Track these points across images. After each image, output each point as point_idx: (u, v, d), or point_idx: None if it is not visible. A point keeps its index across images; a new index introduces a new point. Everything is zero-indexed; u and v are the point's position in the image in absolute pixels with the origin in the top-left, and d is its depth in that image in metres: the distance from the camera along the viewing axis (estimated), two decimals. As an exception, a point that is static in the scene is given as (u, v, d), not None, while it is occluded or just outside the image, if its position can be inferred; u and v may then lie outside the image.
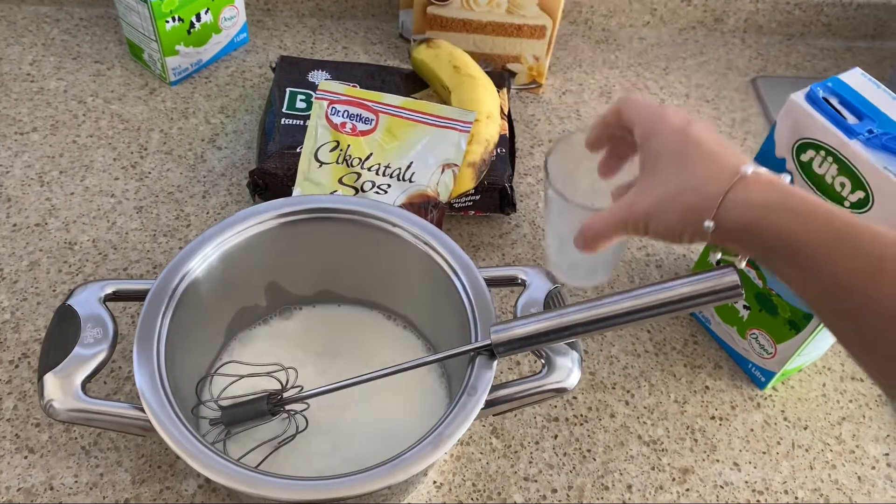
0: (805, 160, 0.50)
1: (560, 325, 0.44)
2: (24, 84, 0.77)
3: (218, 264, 0.51)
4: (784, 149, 0.51)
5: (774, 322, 0.57)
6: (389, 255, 0.54)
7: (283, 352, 0.57)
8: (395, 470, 0.42)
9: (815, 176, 0.49)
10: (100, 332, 0.46)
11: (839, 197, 0.48)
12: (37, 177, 0.69)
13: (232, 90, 0.79)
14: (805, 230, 0.37)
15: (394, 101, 0.65)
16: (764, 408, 0.60)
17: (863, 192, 0.47)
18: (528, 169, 0.75)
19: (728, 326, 0.61)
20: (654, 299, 0.43)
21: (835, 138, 0.48)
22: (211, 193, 0.70)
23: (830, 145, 0.48)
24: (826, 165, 0.49)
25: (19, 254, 0.64)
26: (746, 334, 0.60)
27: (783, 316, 0.56)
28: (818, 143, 0.49)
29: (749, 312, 0.59)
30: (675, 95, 0.85)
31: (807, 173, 0.50)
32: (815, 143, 0.49)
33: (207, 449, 0.42)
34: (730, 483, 0.56)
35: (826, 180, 0.49)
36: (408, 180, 0.63)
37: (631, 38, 0.91)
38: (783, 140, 0.51)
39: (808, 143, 0.49)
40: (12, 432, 0.54)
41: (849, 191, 0.48)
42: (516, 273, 0.52)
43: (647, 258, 0.69)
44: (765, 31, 0.94)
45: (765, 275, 0.56)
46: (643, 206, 0.42)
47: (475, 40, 0.79)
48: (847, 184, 0.48)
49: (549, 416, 0.58)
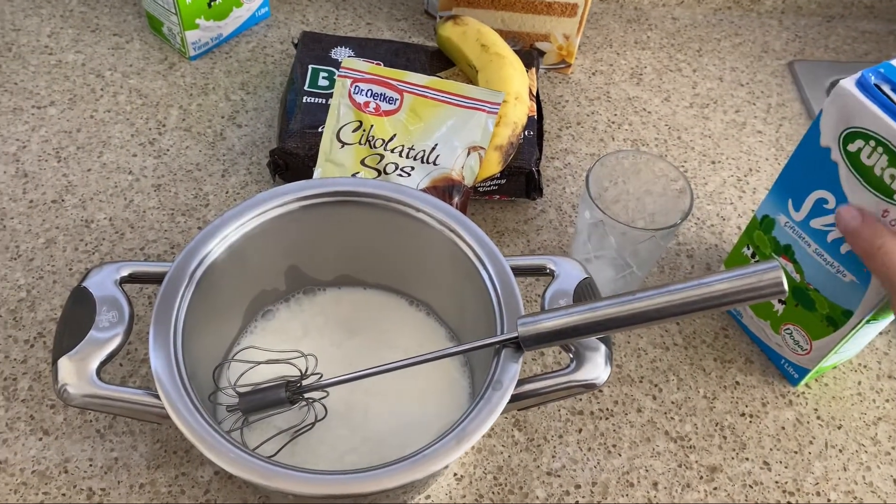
0: (853, 150, 0.47)
1: (591, 321, 0.42)
2: (41, 56, 0.75)
3: (237, 247, 0.49)
4: (830, 138, 0.48)
5: (811, 318, 0.55)
6: (412, 240, 0.53)
7: (304, 331, 0.55)
8: (416, 466, 0.41)
9: (862, 167, 0.47)
10: (115, 315, 0.45)
11: (889, 190, 0.46)
12: (54, 152, 0.68)
13: (253, 66, 0.77)
14: None
15: (419, 80, 0.63)
16: (796, 405, 0.58)
17: None
18: (556, 152, 0.73)
19: (761, 321, 0.59)
20: (692, 295, 0.41)
21: (887, 128, 0.45)
22: (230, 172, 0.68)
23: (882, 135, 0.45)
24: (875, 156, 0.46)
25: (35, 231, 0.63)
26: (780, 329, 0.58)
27: (821, 312, 0.54)
28: (868, 132, 0.46)
29: (784, 307, 0.56)
30: (708, 78, 0.82)
31: (854, 164, 0.47)
32: (864, 132, 0.46)
33: (223, 438, 0.41)
34: (759, 483, 0.54)
35: (875, 172, 0.46)
36: (432, 163, 0.61)
37: (664, 17, 0.88)
38: (829, 128, 0.48)
39: (856, 132, 0.47)
40: (27, 413, 0.53)
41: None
42: (545, 262, 0.50)
43: (678, 247, 0.67)
44: (803, 13, 0.90)
45: (803, 268, 0.53)
46: None
47: (503, 18, 0.76)
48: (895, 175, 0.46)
49: (574, 410, 0.57)
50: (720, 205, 0.70)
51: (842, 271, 0.51)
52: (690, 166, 0.73)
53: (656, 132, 0.76)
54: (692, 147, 0.75)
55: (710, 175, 0.73)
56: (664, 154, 0.74)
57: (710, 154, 0.75)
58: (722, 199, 0.71)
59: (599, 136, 0.75)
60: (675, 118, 0.77)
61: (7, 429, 0.53)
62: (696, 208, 0.70)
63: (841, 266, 0.51)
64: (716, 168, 0.73)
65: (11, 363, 0.55)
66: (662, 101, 0.79)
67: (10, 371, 0.55)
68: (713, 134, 0.76)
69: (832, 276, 0.51)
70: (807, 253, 0.52)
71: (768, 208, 0.54)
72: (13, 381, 0.55)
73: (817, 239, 0.51)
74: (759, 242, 0.57)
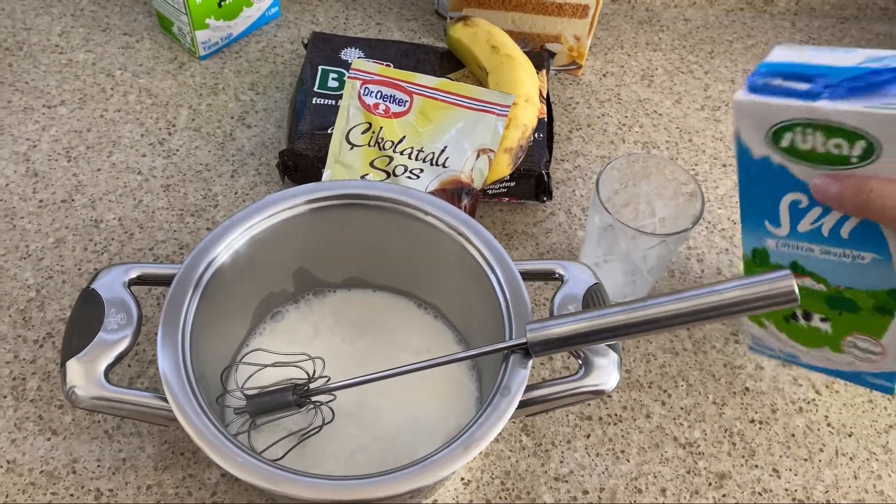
0: (786, 145, 0.46)
1: (601, 327, 0.42)
2: (52, 56, 0.75)
3: (245, 250, 0.49)
4: (759, 146, 0.47)
5: (862, 318, 0.51)
6: (421, 243, 0.52)
7: (314, 332, 0.56)
8: (424, 472, 0.41)
9: (805, 153, 0.45)
10: (123, 317, 0.45)
11: (842, 158, 0.44)
12: (64, 152, 0.68)
13: (262, 66, 0.77)
14: None
15: (429, 82, 0.63)
16: (806, 412, 0.58)
17: (863, 141, 0.43)
18: (566, 154, 0.72)
19: (818, 350, 0.55)
20: (703, 303, 0.40)
21: (803, 108, 0.43)
22: (239, 173, 0.68)
23: (802, 118, 0.44)
24: (810, 138, 0.44)
25: (45, 231, 0.63)
26: (842, 346, 0.54)
27: (866, 306, 0.50)
28: (789, 122, 0.44)
29: (831, 323, 0.53)
30: (720, 80, 0.81)
31: (798, 154, 0.46)
32: (786, 124, 0.45)
33: (230, 442, 0.41)
34: (769, 490, 0.54)
35: (819, 151, 0.45)
36: (441, 165, 0.61)
37: (675, 18, 0.88)
38: (753, 140, 0.47)
39: (778, 128, 0.45)
40: (35, 413, 0.53)
41: (848, 148, 0.43)
42: (554, 267, 0.50)
43: (689, 251, 0.66)
44: (817, 14, 0.89)
45: (822, 275, 0.51)
46: None
47: (514, 19, 0.76)
48: (842, 143, 0.44)
49: (582, 415, 0.56)
50: (731, 209, 0.70)
51: (858, 255, 0.48)
52: (702, 169, 0.73)
53: (667, 135, 0.75)
54: (703, 150, 0.74)
55: (722, 178, 0.72)
56: (675, 157, 0.73)
57: (721, 157, 0.74)
58: (733, 203, 0.70)
59: (610, 138, 0.74)
60: (687, 120, 0.77)
61: (16, 429, 0.53)
62: (707, 212, 0.69)
63: (853, 250, 0.48)
64: (727, 171, 0.73)
65: (20, 363, 0.56)
66: (674, 103, 0.78)
67: (19, 371, 0.55)
68: (725, 137, 0.76)
69: (852, 265, 0.49)
70: (815, 259, 0.50)
71: (752, 241, 0.52)
72: (22, 380, 0.55)
73: (815, 239, 0.49)
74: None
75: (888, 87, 0.42)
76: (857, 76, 0.42)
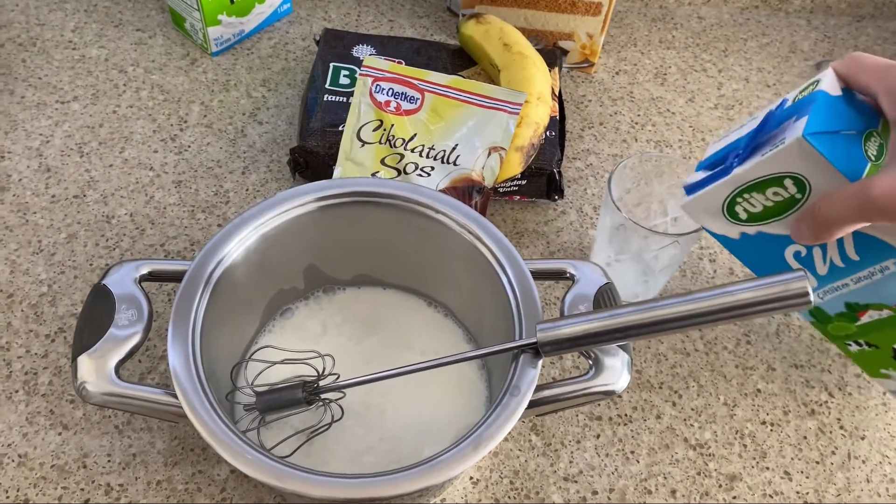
0: (745, 216, 0.49)
1: (612, 327, 0.42)
2: (65, 51, 0.76)
3: (255, 247, 0.49)
4: (727, 229, 0.50)
5: None
6: (431, 242, 0.52)
7: (322, 329, 0.56)
8: (433, 471, 0.40)
9: (762, 213, 0.48)
10: (134, 313, 0.45)
11: (790, 199, 0.46)
12: (76, 147, 0.68)
13: (274, 63, 0.77)
14: None
15: (440, 79, 0.63)
16: (819, 415, 0.57)
17: (787, 179, 0.45)
18: (578, 153, 0.72)
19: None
20: (715, 304, 0.40)
21: (726, 183, 0.47)
22: (251, 170, 0.68)
23: (731, 189, 0.47)
24: (754, 200, 0.47)
25: (57, 226, 0.63)
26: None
27: None
28: (728, 198, 0.48)
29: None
30: (733, 79, 0.81)
31: (758, 218, 0.48)
32: (727, 200, 0.48)
33: (239, 438, 0.41)
34: (780, 493, 0.54)
35: (769, 205, 0.47)
36: (452, 163, 0.60)
37: (689, 16, 0.87)
38: (720, 227, 0.50)
39: (727, 206, 0.49)
40: (47, 408, 0.54)
41: (785, 190, 0.46)
42: (565, 267, 0.49)
43: (701, 251, 0.66)
44: (833, 12, 0.88)
45: (873, 300, 0.50)
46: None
47: (527, 16, 0.76)
48: (777, 189, 0.46)
49: (592, 415, 0.56)
50: (744, 208, 0.69)
51: (880, 267, 0.48)
52: (714, 169, 0.72)
53: (680, 133, 0.75)
54: (716, 149, 0.74)
55: (735, 178, 0.72)
56: (688, 156, 0.73)
57: (734, 156, 0.73)
58: (746, 203, 0.70)
59: (622, 136, 0.74)
60: (700, 119, 0.76)
61: (27, 423, 0.53)
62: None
63: (872, 265, 0.48)
64: (740, 171, 0.72)
65: (32, 357, 0.56)
66: (687, 101, 0.78)
67: (30, 365, 0.55)
68: (738, 136, 0.75)
69: (883, 281, 0.48)
70: (859, 291, 0.50)
71: None
72: (34, 375, 0.55)
73: (840, 274, 0.49)
74: (835, 332, 0.53)
75: (771, 132, 0.46)
76: (751, 137, 0.46)
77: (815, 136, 0.42)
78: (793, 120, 0.44)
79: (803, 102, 0.45)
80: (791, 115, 0.45)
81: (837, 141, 0.43)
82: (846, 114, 0.44)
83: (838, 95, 0.44)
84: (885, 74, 0.43)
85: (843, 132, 0.43)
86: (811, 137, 0.42)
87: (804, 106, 0.44)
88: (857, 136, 0.43)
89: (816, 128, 0.42)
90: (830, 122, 0.43)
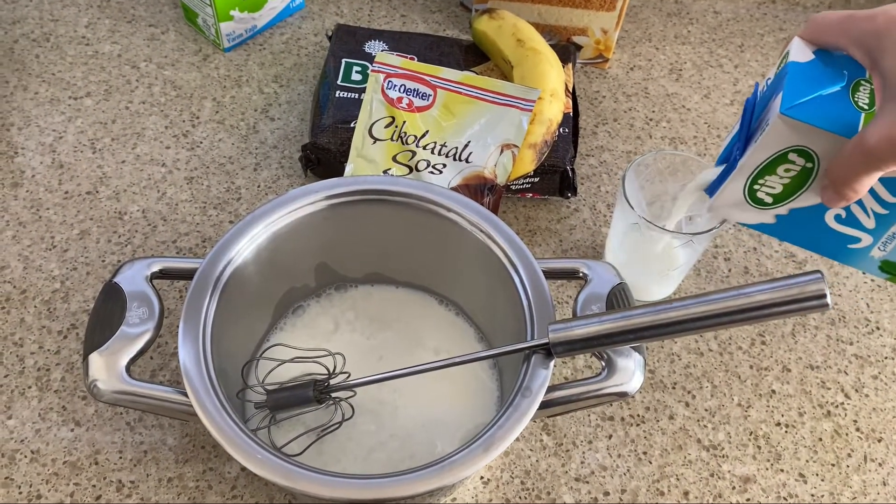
0: (769, 200, 0.48)
1: (625, 328, 0.41)
2: (78, 47, 0.76)
3: (266, 245, 0.49)
4: (760, 216, 0.49)
5: None
6: (443, 240, 0.52)
7: (334, 325, 0.55)
8: (443, 472, 0.40)
9: (783, 193, 0.47)
10: (145, 311, 0.45)
11: (804, 171, 0.45)
12: (89, 143, 0.68)
13: (286, 58, 0.76)
14: None
15: (452, 75, 0.62)
16: (835, 416, 0.57)
17: (791, 153, 0.44)
18: (591, 149, 0.71)
19: None
20: (730, 306, 0.39)
21: (736, 175, 0.47)
22: (262, 166, 0.68)
23: (744, 178, 0.47)
24: (769, 181, 0.46)
25: (70, 222, 0.63)
26: None
27: None
28: (744, 187, 0.47)
29: None
30: (750, 75, 0.80)
31: (781, 199, 0.47)
32: (746, 190, 0.47)
33: (249, 438, 0.41)
34: (794, 496, 0.53)
35: (787, 182, 0.46)
36: (464, 160, 0.60)
37: (705, 11, 0.86)
38: (751, 217, 0.49)
39: (749, 195, 0.48)
40: (59, 404, 0.54)
41: (794, 165, 0.45)
42: (578, 266, 0.49)
43: (716, 250, 0.65)
44: (850, 6, 0.87)
45: None
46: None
47: (540, 11, 0.75)
48: (787, 166, 0.45)
49: (604, 415, 0.56)
50: (760, 206, 0.68)
51: None
52: (730, 166, 0.71)
53: (695, 130, 0.74)
54: (732, 146, 0.73)
55: (750, 175, 0.71)
56: (703, 153, 0.72)
57: (750, 153, 0.72)
58: (762, 201, 0.69)
59: (636, 133, 0.73)
60: (715, 116, 0.75)
61: (40, 419, 0.53)
62: (735, 209, 0.68)
63: None
64: (756, 168, 0.71)
65: (45, 354, 0.56)
66: (702, 97, 0.77)
67: (43, 362, 0.56)
68: (754, 132, 0.74)
69: None
70: None
71: (868, 266, 0.51)
72: (46, 371, 0.55)
73: (890, 221, 0.48)
74: None
75: (759, 115, 0.46)
76: (743, 126, 0.46)
77: (794, 109, 0.42)
78: (774, 98, 0.44)
79: (778, 78, 0.45)
80: (772, 94, 0.45)
81: (820, 104, 0.43)
82: (824, 74, 0.44)
83: (810, 60, 0.44)
84: (847, 28, 0.42)
85: (825, 93, 0.43)
86: (790, 111, 0.42)
87: (779, 82, 0.44)
88: (843, 90, 0.43)
89: (794, 100, 0.42)
90: (807, 89, 0.43)
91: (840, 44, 0.43)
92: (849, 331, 0.61)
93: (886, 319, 0.62)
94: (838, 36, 0.43)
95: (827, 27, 0.43)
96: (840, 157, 0.42)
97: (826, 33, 0.44)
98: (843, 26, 0.42)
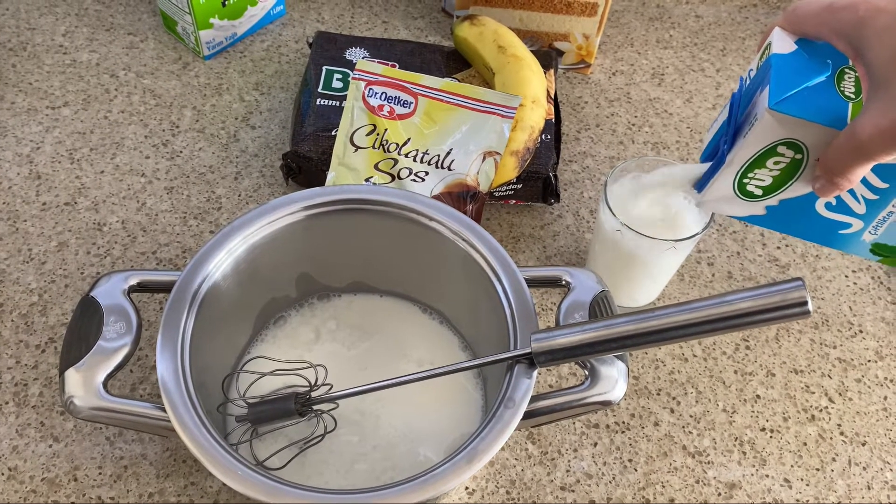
0: (758, 193, 0.48)
1: (607, 337, 0.41)
2: (56, 56, 0.75)
3: (245, 257, 0.49)
4: (750, 207, 0.50)
5: None
6: (426, 249, 0.52)
7: (315, 335, 0.55)
8: (426, 485, 0.40)
9: (773, 184, 0.47)
10: (123, 326, 0.44)
11: (794, 162, 0.45)
12: (67, 153, 0.68)
13: (267, 66, 0.76)
14: None
15: (434, 83, 0.62)
16: (819, 421, 0.57)
17: (781, 146, 0.44)
18: (574, 155, 0.71)
19: None
20: (712, 314, 0.39)
21: (726, 170, 0.47)
22: (243, 175, 0.67)
23: (734, 172, 0.47)
24: (759, 174, 0.47)
25: (48, 234, 0.62)
26: None
27: None
28: (733, 181, 0.48)
29: None
30: (732, 79, 0.80)
31: (771, 190, 0.48)
32: (735, 183, 0.48)
33: (229, 454, 0.41)
34: (780, 501, 0.53)
35: (776, 174, 0.46)
36: (447, 168, 0.60)
37: (687, 15, 0.86)
38: (744, 209, 0.50)
39: (739, 187, 0.48)
40: (37, 419, 0.53)
41: (783, 157, 0.45)
42: (560, 274, 0.49)
43: (699, 255, 0.65)
44: None
45: None
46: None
47: (521, 17, 0.75)
48: (776, 158, 0.45)
49: (589, 423, 0.55)
50: (743, 210, 0.68)
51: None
52: (712, 170, 0.71)
53: (678, 134, 0.74)
54: (714, 150, 0.73)
55: (733, 179, 0.71)
56: (685, 158, 0.72)
57: (732, 158, 0.73)
58: (744, 205, 0.69)
59: (619, 138, 0.73)
60: (698, 120, 0.75)
61: (17, 435, 0.52)
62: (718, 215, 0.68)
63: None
64: (738, 172, 0.71)
65: (22, 368, 0.55)
66: (684, 102, 0.77)
67: (21, 376, 0.55)
68: (736, 137, 0.74)
69: None
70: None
71: (858, 249, 0.51)
72: (24, 386, 0.54)
73: (880, 205, 0.48)
74: None
75: (746, 108, 0.46)
76: (730, 120, 0.47)
77: (782, 103, 0.42)
78: (759, 92, 0.44)
79: (762, 70, 0.44)
80: (757, 87, 0.45)
81: (807, 96, 0.42)
82: (807, 65, 0.43)
83: (793, 51, 0.44)
84: (827, 19, 0.41)
85: (811, 84, 0.43)
86: (778, 106, 0.42)
87: (763, 74, 0.44)
88: (829, 80, 0.43)
89: (781, 94, 0.42)
90: (793, 82, 0.43)
91: (821, 34, 0.42)
92: (832, 334, 0.61)
93: (869, 323, 0.62)
94: (818, 27, 0.42)
95: (806, 18, 0.43)
96: (832, 149, 0.42)
97: (806, 24, 0.43)
98: (822, 17, 0.42)
